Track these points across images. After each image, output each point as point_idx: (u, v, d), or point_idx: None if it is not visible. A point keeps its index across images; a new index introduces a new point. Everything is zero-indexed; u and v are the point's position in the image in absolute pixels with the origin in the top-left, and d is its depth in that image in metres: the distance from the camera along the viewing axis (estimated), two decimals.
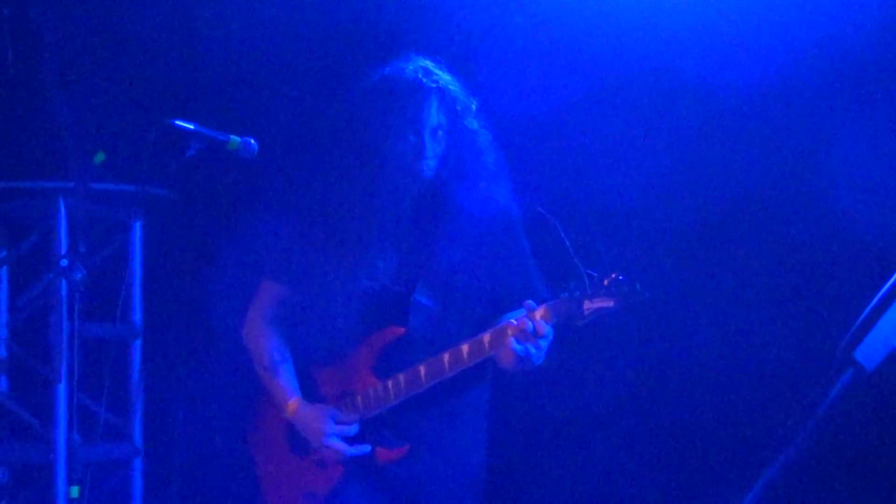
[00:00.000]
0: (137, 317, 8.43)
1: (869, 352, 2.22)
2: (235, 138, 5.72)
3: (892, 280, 2.27)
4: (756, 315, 7.63)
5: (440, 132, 5.40)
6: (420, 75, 5.39)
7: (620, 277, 5.04)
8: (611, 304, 5.05)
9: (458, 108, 5.42)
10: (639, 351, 7.81)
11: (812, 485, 6.60)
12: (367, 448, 5.47)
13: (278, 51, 8.22)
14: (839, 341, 2.34)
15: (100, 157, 7.51)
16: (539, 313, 5.09)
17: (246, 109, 7.29)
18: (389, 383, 5.41)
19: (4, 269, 8.59)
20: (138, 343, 8.44)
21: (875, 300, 2.25)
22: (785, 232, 7.61)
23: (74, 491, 6.31)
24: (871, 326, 2.23)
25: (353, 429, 5.49)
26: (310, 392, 5.62)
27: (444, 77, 5.43)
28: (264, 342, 5.78)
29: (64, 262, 6.23)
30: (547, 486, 7.88)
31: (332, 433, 5.47)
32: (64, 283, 6.36)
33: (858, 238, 7.05)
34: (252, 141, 5.74)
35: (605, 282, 5.04)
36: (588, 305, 5.06)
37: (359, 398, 5.49)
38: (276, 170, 5.95)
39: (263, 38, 8.28)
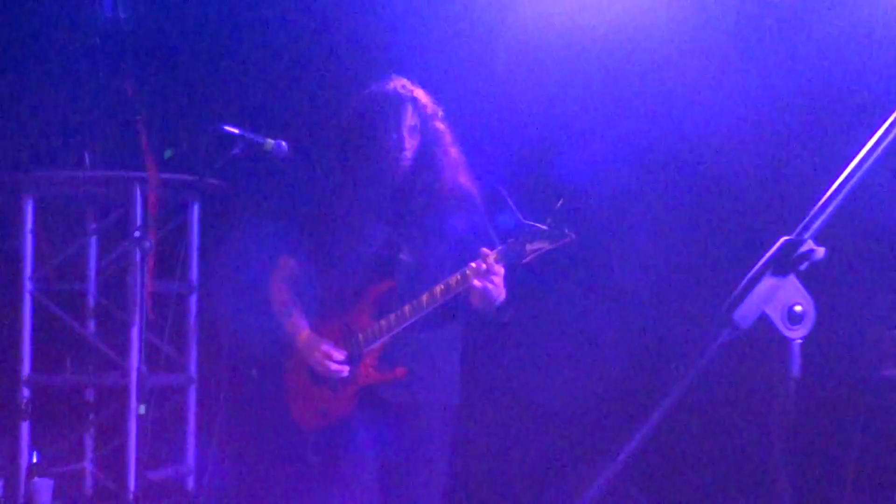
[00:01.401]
0: (194, 276, 8.47)
1: (745, 314, 2.08)
2: (270, 141, 5.92)
3: (766, 254, 2.14)
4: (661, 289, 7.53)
5: (415, 131, 5.66)
6: (399, 88, 5.68)
7: (552, 226, 5.28)
8: (546, 245, 5.32)
9: (428, 112, 5.71)
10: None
11: (688, 428, 6.42)
12: (346, 372, 5.61)
13: (297, 73, 8.27)
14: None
15: (168, 154, 7.58)
16: (491, 256, 5.31)
17: (275, 119, 7.23)
18: (383, 321, 5.56)
19: (94, 238, 8.62)
20: (194, 297, 8.48)
21: (753, 271, 2.13)
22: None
23: (142, 408, 6.55)
24: (747, 292, 2.09)
25: (340, 356, 5.62)
26: (321, 336, 5.70)
27: (418, 90, 5.72)
28: (282, 296, 5.89)
29: (137, 234, 6.33)
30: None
31: (322, 352, 5.61)
32: (137, 250, 6.30)
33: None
34: (283, 143, 5.93)
35: (542, 228, 5.28)
36: (529, 247, 5.31)
37: (360, 335, 5.60)
38: (292, 165, 5.92)
39: (287, 64, 8.33)
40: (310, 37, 8.20)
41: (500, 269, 5.32)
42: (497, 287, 5.34)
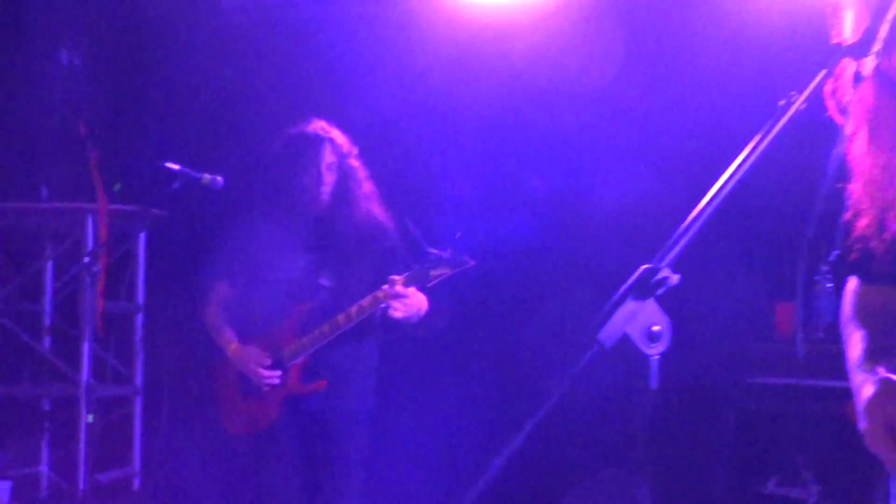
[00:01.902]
0: (140, 297, 8.40)
1: (609, 334, 2.09)
2: (207, 176, 5.97)
3: (630, 278, 2.15)
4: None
5: (332, 168, 5.73)
6: (318, 130, 5.76)
7: (452, 255, 5.40)
8: (448, 271, 5.42)
9: (344, 151, 5.78)
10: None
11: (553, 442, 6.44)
12: (277, 378, 5.68)
13: (233, 115, 8.26)
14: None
15: (117, 187, 7.54)
16: (399, 281, 5.42)
17: (212, 155, 7.20)
18: (305, 339, 5.63)
19: (50, 263, 8.55)
20: (140, 316, 8.41)
21: (617, 293, 2.14)
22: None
23: (90, 417, 6.67)
24: (611, 314, 2.10)
25: (268, 362, 5.69)
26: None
27: (334, 131, 5.79)
28: (215, 318, 5.93)
29: (87, 260, 6.39)
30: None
31: (253, 360, 5.66)
32: (87, 274, 6.27)
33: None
34: (219, 178, 5.98)
35: (444, 256, 5.40)
36: (434, 273, 5.42)
37: (285, 351, 5.67)
38: (225, 198, 5.92)
39: (224, 107, 8.33)
40: (244, 82, 8.21)
41: (409, 292, 5.42)
42: (408, 307, 5.47)
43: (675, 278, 2.17)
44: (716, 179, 2.28)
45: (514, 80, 7.67)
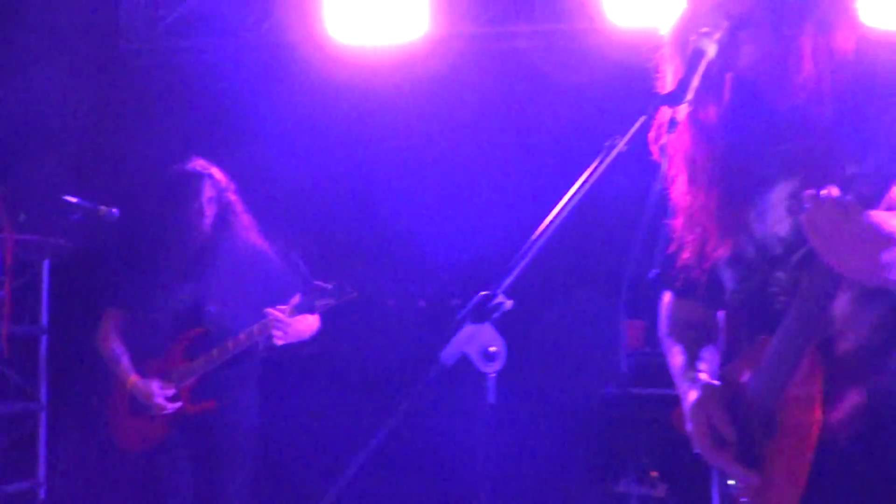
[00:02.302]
0: (45, 320, 8.23)
1: (449, 354, 2.12)
2: (104, 208, 5.85)
3: (470, 304, 2.17)
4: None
5: (212, 201, 5.70)
6: (198, 167, 5.73)
7: (336, 286, 5.41)
8: (332, 301, 5.42)
9: (223, 186, 5.76)
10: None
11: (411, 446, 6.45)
12: (179, 404, 5.60)
13: (125, 152, 8.14)
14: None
15: (22, 218, 7.45)
16: (287, 310, 5.42)
17: (108, 187, 7.15)
18: (195, 362, 5.59)
19: None
20: (45, 338, 8.24)
21: (458, 317, 2.17)
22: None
23: None
24: (451, 336, 2.13)
25: (170, 393, 5.60)
26: (143, 374, 5.70)
27: (214, 168, 5.77)
28: (109, 343, 5.85)
29: None
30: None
31: (157, 395, 5.56)
32: None
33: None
34: (115, 210, 5.86)
35: (328, 288, 5.40)
36: (318, 303, 5.41)
37: (175, 373, 5.63)
38: (118, 231, 5.89)
39: (118, 144, 8.26)
40: (140, 121, 8.16)
41: (292, 320, 5.45)
42: (290, 335, 5.49)
43: (508, 304, 2.20)
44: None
45: (396, 117, 7.75)
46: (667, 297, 3.07)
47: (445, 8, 7.72)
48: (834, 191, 2.08)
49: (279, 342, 5.49)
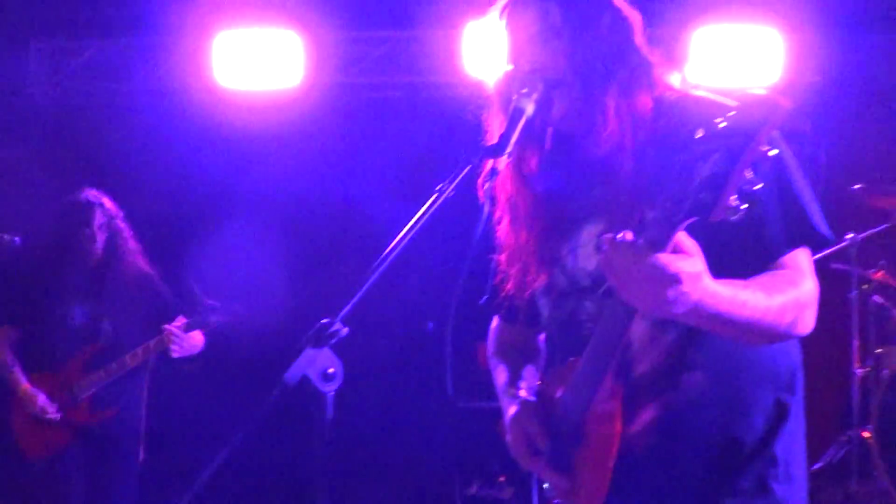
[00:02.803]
0: None
1: (292, 375, 2.15)
2: (6, 236, 5.74)
3: (312, 329, 2.20)
4: None
5: (103, 228, 5.76)
6: (90, 196, 5.82)
7: (224, 304, 5.63)
8: (223, 318, 5.60)
9: (113, 213, 5.83)
10: None
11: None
12: (58, 414, 5.62)
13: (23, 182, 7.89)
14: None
15: None
16: (182, 326, 5.55)
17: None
18: (93, 375, 5.63)
19: None
20: None
21: (299, 343, 2.21)
22: None
23: None
24: (294, 359, 2.16)
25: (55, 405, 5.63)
26: (39, 385, 5.71)
27: (105, 197, 5.86)
28: (3, 357, 5.79)
29: None
30: None
31: (42, 403, 5.61)
32: None
33: None
34: (17, 238, 5.76)
35: (217, 306, 5.59)
36: (211, 320, 5.58)
37: (75, 386, 5.65)
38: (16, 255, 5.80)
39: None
40: (38, 158, 8.04)
41: (187, 336, 5.59)
42: (184, 348, 5.62)
43: (344, 330, 2.24)
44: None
45: (275, 158, 7.83)
46: (494, 321, 3.14)
47: (320, 58, 7.82)
48: (628, 235, 2.14)
49: (175, 355, 5.58)
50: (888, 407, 6.45)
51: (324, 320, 2.25)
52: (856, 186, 7.00)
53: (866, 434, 6.66)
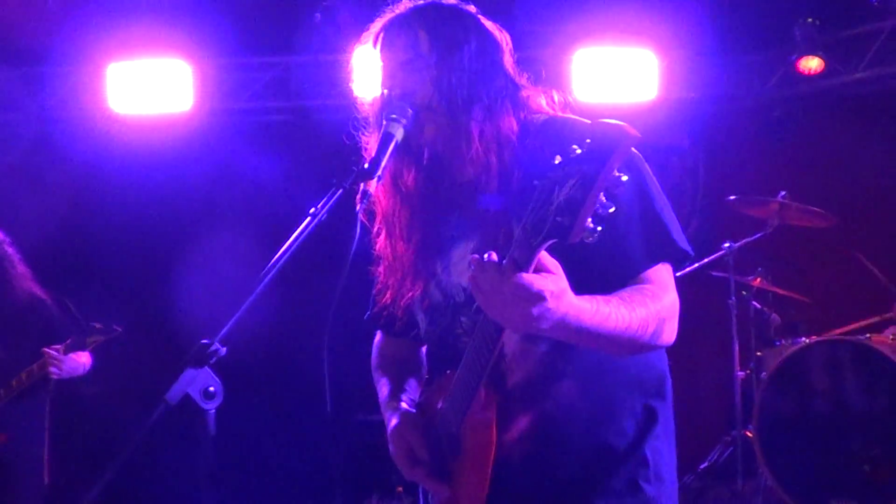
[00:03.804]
0: None
1: (174, 394, 2.18)
2: None
3: (191, 350, 2.24)
4: None
5: None
6: None
7: (104, 325, 5.52)
8: (102, 338, 5.49)
9: (1, 239, 5.76)
10: None
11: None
12: None
13: None
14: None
15: None
16: (61, 350, 5.47)
17: None
18: None
19: None
20: None
21: (181, 363, 2.24)
22: None
23: None
24: (176, 379, 2.19)
25: None
26: None
27: None
28: None
29: None
30: None
31: None
32: None
33: None
34: None
35: (97, 327, 5.51)
36: (89, 340, 5.48)
37: None
38: None
39: None
40: None
41: (66, 357, 5.49)
42: (64, 371, 5.53)
43: (223, 350, 2.28)
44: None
45: (167, 176, 7.85)
46: (378, 335, 3.20)
47: (209, 85, 8.02)
48: (493, 256, 2.20)
49: (55, 377, 5.49)
50: (768, 406, 6.60)
51: (203, 340, 2.28)
52: (731, 197, 7.20)
53: (749, 433, 6.83)
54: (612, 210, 2.11)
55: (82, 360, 5.64)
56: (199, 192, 7.92)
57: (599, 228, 2.12)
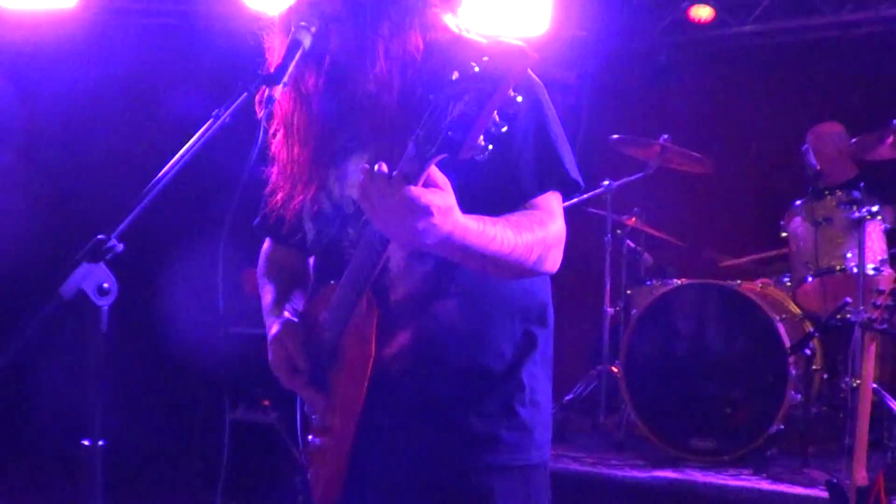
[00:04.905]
0: None
1: (68, 289, 2.18)
2: None
3: (86, 245, 2.24)
4: None
5: None
6: None
7: None
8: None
9: None
10: None
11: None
12: None
13: None
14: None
15: None
16: None
17: None
18: None
19: None
20: None
21: (73, 259, 2.23)
22: None
23: None
24: (70, 273, 2.19)
25: None
26: None
27: None
28: None
29: None
30: None
31: None
32: None
33: None
34: None
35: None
36: None
37: None
38: None
39: None
40: None
41: None
42: None
43: (120, 247, 2.28)
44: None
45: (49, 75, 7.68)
46: (266, 243, 3.21)
47: None
48: (383, 167, 2.24)
49: None
50: (635, 344, 6.79)
51: (100, 236, 2.27)
52: (614, 137, 7.33)
53: (615, 369, 7.02)
54: (504, 129, 2.16)
55: None
56: (87, 91, 7.71)
57: (490, 147, 2.17)
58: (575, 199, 6.99)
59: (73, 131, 7.74)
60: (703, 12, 8.05)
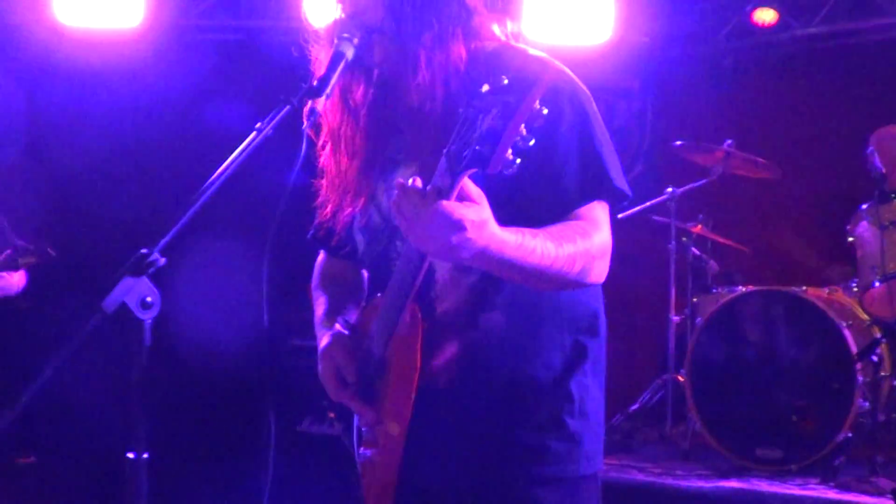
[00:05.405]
0: None
1: (111, 302, 2.18)
2: None
3: (130, 259, 2.25)
4: None
5: None
6: None
7: (36, 247, 5.41)
8: (34, 259, 5.40)
9: None
10: None
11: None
12: None
13: None
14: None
15: None
16: None
17: None
18: None
19: None
20: None
21: (118, 272, 2.23)
22: None
23: None
24: (113, 287, 2.19)
25: None
26: None
27: None
28: None
29: None
30: None
31: None
32: None
33: None
34: None
35: (30, 248, 5.43)
36: (21, 261, 5.40)
37: None
38: None
39: None
40: None
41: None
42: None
43: (162, 260, 2.28)
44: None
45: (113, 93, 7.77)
46: (321, 255, 3.21)
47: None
48: (417, 181, 2.23)
49: None
50: (700, 353, 6.72)
51: (142, 250, 2.28)
52: (677, 143, 7.26)
53: (680, 378, 6.95)
54: (531, 143, 2.15)
55: (14, 279, 5.53)
56: (148, 110, 7.81)
57: (518, 161, 2.16)
58: (638, 208, 6.95)
59: (133, 150, 7.83)
60: (766, 15, 7.94)
